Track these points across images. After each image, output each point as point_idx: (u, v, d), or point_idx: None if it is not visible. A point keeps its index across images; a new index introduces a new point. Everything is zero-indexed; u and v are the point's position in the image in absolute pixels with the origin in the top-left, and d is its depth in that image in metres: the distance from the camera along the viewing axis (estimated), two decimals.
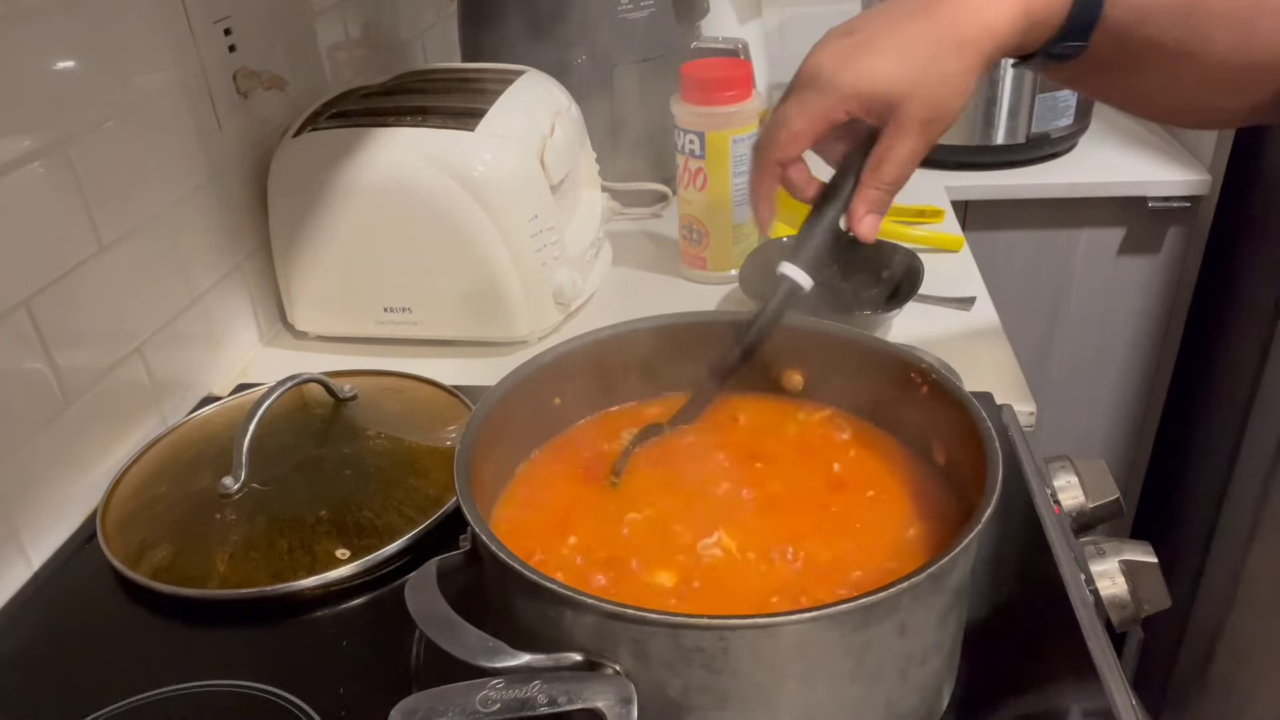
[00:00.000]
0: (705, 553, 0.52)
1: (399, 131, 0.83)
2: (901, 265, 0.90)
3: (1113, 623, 0.62)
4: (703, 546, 0.52)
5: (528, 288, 0.86)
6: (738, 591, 0.50)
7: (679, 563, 0.51)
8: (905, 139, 0.56)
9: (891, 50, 0.56)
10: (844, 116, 0.57)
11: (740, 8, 1.28)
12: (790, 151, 0.59)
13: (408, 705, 0.40)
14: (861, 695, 0.44)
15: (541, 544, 0.53)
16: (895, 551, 0.51)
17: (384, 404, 0.77)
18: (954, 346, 0.84)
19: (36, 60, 0.65)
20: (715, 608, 0.47)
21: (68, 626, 0.61)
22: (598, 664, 0.42)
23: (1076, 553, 0.63)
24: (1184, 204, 1.24)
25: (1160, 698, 1.38)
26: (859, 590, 0.41)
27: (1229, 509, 1.25)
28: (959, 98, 0.56)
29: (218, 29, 0.83)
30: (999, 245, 1.29)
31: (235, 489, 0.66)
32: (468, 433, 0.52)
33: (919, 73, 0.55)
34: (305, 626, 0.59)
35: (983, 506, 0.44)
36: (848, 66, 0.56)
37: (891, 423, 0.60)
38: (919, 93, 0.55)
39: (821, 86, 0.57)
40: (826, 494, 0.56)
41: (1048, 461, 0.72)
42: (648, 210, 1.14)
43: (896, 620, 0.42)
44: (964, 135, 1.25)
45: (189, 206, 0.81)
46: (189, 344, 0.82)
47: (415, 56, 1.28)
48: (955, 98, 0.56)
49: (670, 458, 0.60)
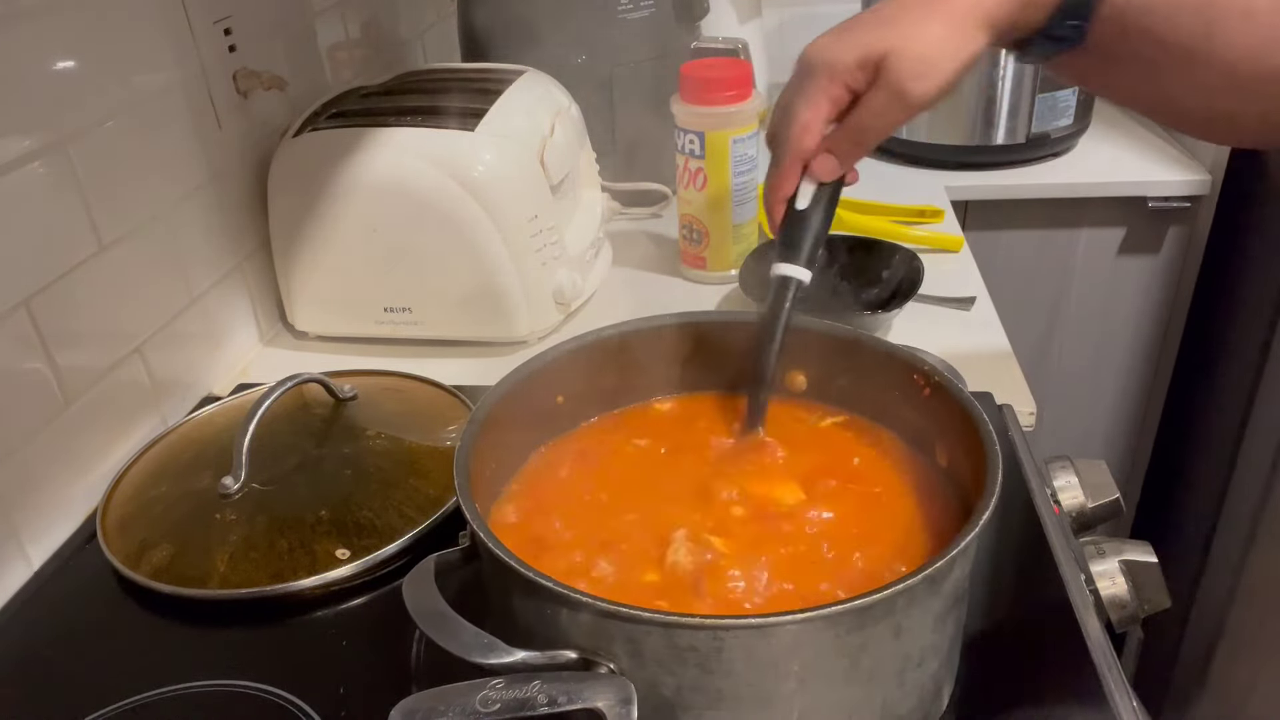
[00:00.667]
0: (705, 553, 0.52)
1: (399, 131, 0.83)
2: (901, 265, 0.90)
3: (1113, 623, 0.62)
4: (702, 546, 0.52)
5: (528, 288, 0.86)
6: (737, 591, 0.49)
7: (678, 562, 0.51)
8: (882, 91, 0.56)
9: (879, 20, 0.56)
10: (845, 93, 0.57)
11: (740, 8, 1.28)
12: (807, 144, 0.59)
13: (408, 705, 0.40)
14: (857, 697, 0.44)
15: (541, 543, 0.53)
16: (896, 552, 0.51)
17: (384, 404, 0.77)
18: (954, 346, 0.84)
19: (36, 60, 0.65)
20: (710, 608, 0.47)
21: (68, 626, 0.61)
22: (593, 662, 0.42)
23: (1076, 553, 0.63)
24: (1184, 204, 1.24)
25: (1160, 698, 1.38)
26: (858, 591, 0.41)
27: (1229, 509, 1.25)
28: (949, 62, 0.56)
29: (218, 29, 0.83)
30: (999, 245, 1.29)
31: (235, 489, 0.66)
32: (468, 433, 0.52)
33: (904, 32, 0.56)
34: (305, 626, 0.59)
35: (980, 510, 0.44)
36: (839, 43, 0.57)
37: (894, 423, 0.60)
38: (904, 48, 0.55)
39: (816, 69, 0.57)
40: (828, 494, 0.56)
41: (1048, 461, 0.72)
42: (648, 210, 1.14)
43: (892, 622, 0.42)
44: (964, 135, 1.25)
45: (189, 206, 0.81)
46: (189, 344, 0.82)
47: (415, 56, 1.28)
48: (944, 61, 0.56)
49: (669, 456, 0.60)
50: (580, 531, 0.54)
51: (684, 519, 0.54)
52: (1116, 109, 1.41)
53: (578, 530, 0.54)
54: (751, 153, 0.93)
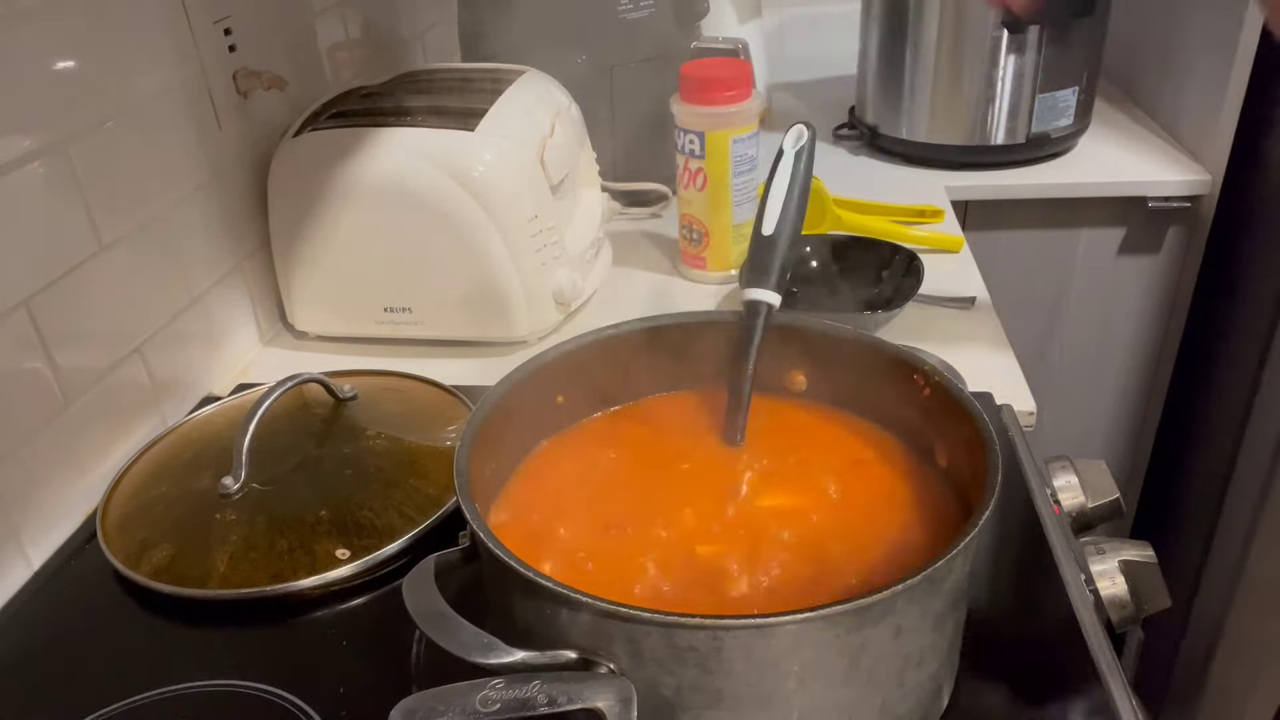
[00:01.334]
0: (704, 552, 0.52)
1: (399, 131, 0.83)
2: (901, 265, 0.90)
3: (1113, 623, 0.62)
4: (702, 546, 0.52)
5: (527, 288, 0.86)
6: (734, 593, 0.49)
7: (676, 562, 0.51)
8: None
9: None
10: None
11: (740, 8, 1.28)
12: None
13: (408, 705, 0.40)
14: (857, 697, 0.44)
15: (541, 543, 0.53)
16: (897, 552, 0.51)
17: (384, 404, 0.77)
18: (954, 346, 0.84)
19: (36, 60, 0.65)
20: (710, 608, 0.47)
21: (68, 626, 0.61)
22: (593, 662, 0.42)
23: (1076, 553, 0.63)
24: (1184, 204, 1.24)
25: (1160, 698, 1.38)
26: (858, 591, 0.41)
27: (1229, 509, 1.25)
28: None
29: (218, 29, 0.83)
30: (999, 245, 1.29)
31: (235, 489, 0.66)
32: (468, 433, 0.52)
33: None
34: (305, 626, 0.59)
35: (980, 510, 0.44)
36: None
37: (894, 423, 0.60)
38: None
39: None
40: (828, 494, 0.56)
41: (1048, 461, 0.72)
42: (648, 210, 1.14)
43: (892, 622, 0.42)
44: (964, 135, 1.25)
45: (189, 206, 0.81)
46: (189, 344, 0.82)
47: (415, 56, 1.28)
48: None
49: (669, 456, 0.60)
50: (580, 531, 0.54)
51: (684, 518, 0.54)
52: (1117, 109, 1.42)
53: (578, 530, 0.54)
54: (751, 153, 0.93)
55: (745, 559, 0.51)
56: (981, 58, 1.19)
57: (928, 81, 1.24)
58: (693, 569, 0.51)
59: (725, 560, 0.51)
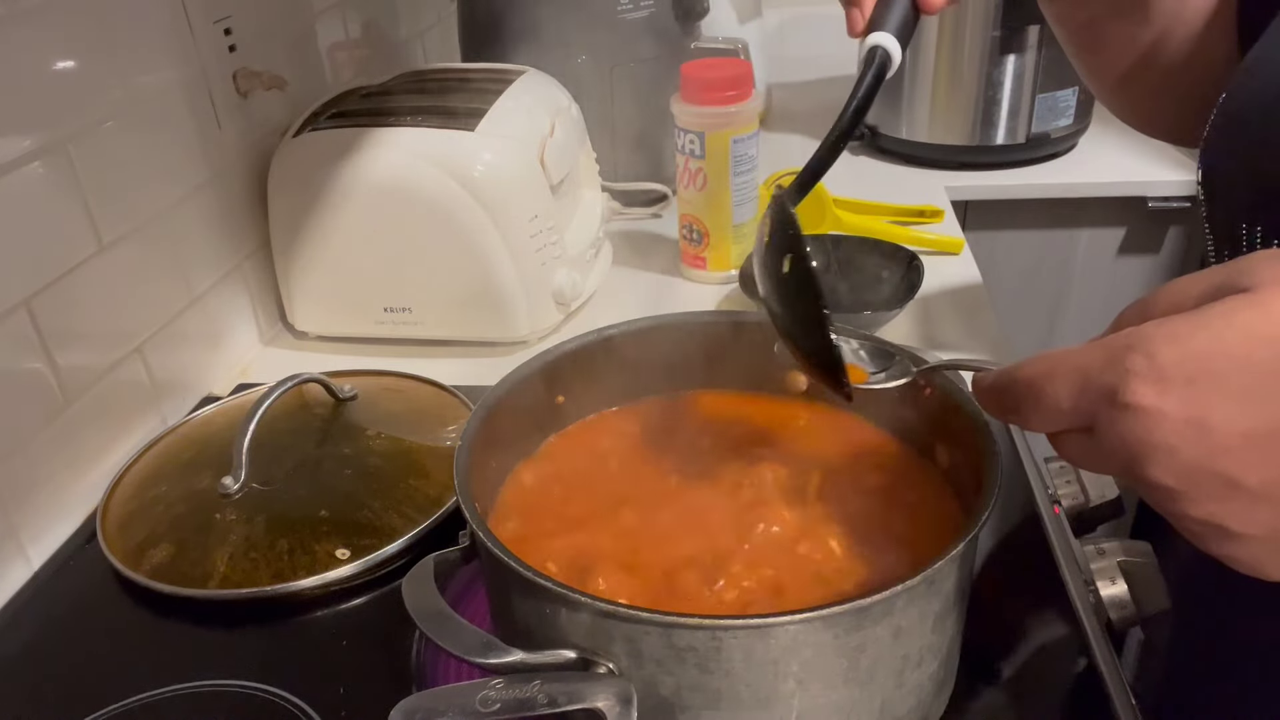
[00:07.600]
0: (704, 552, 0.52)
1: (399, 131, 0.83)
2: (901, 265, 0.90)
3: (1113, 622, 0.62)
4: (701, 546, 0.52)
5: (527, 288, 0.86)
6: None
7: (676, 562, 0.51)
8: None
9: None
10: None
11: (740, 8, 1.28)
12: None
13: (408, 705, 0.40)
14: (856, 698, 0.44)
15: (541, 543, 0.53)
16: (895, 552, 0.51)
17: (384, 404, 0.77)
18: (954, 346, 0.84)
19: (36, 60, 0.65)
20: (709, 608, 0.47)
21: (68, 626, 0.61)
22: (592, 662, 0.42)
23: (1076, 553, 0.63)
24: (1184, 204, 1.24)
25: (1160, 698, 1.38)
26: (857, 592, 0.41)
27: None
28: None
29: (218, 29, 0.83)
30: (999, 245, 1.29)
31: (235, 489, 0.66)
32: (468, 433, 0.52)
33: None
34: (305, 626, 0.59)
35: (980, 510, 0.44)
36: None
37: (894, 423, 0.60)
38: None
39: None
40: (827, 494, 0.56)
41: (1048, 461, 0.72)
42: (648, 210, 1.14)
43: (892, 623, 0.42)
44: (964, 135, 1.25)
45: (189, 206, 0.81)
46: (189, 344, 0.82)
47: (415, 56, 1.28)
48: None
49: (669, 456, 0.60)
50: (580, 531, 0.54)
51: (684, 518, 0.54)
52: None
53: (577, 529, 0.54)
54: (751, 153, 0.93)
55: (745, 558, 0.51)
56: (981, 58, 1.19)
57: (928, 82, 1.24)
58: (693, 569, 0.51)
59: (725, 559, 0.51)
